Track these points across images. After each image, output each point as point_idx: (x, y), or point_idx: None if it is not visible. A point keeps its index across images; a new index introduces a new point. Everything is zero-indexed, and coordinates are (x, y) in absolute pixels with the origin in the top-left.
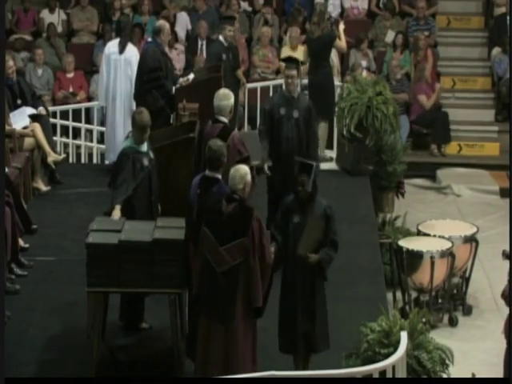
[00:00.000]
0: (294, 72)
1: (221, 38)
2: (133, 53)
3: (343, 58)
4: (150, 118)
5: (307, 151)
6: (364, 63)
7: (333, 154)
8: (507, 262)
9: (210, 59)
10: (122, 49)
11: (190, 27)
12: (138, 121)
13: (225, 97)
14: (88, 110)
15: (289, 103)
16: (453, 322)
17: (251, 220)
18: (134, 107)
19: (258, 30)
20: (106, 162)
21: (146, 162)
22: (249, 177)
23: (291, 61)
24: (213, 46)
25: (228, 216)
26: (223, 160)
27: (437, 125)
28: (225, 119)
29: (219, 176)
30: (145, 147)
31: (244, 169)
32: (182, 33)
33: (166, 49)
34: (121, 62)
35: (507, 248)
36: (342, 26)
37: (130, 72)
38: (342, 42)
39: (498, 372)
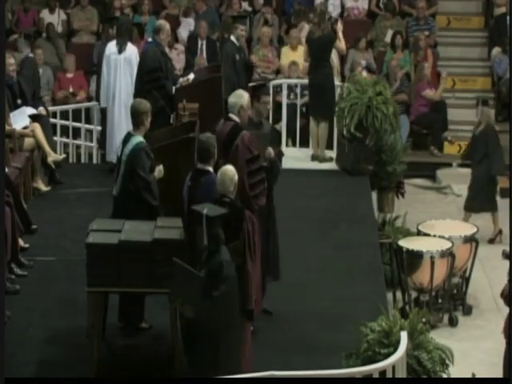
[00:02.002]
0: (269, 98)
1: (232, 37)
2: (132, 51)
3: (343, 57)
4: (149, 106)
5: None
6: (363, 62)
7: (333, 154)
8: (507, 262)
9: (225, 59)
10: (120, 48)
11: (192, 29)
12: (141, 107)
13: (235, 95)
14: (88, 110)
15: (257, 129)
16: (453, 322)
17: (243, 221)
18: None
19: (257, 30)
20: (108, 160)
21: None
22: (236, 177)
23: (263, 86)
24: (226, 46)
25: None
26: (212, 151)
27: (436, 124)
28: (236, 118)
29: (210, 168)
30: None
31: (231, 170)
32: (184, 34)
33: (166, 49)
34: (120, 62)
35: (507, 248)
36: (340, 27)
37: (130, 71)
38: (341, 44)
39: (498, 372)
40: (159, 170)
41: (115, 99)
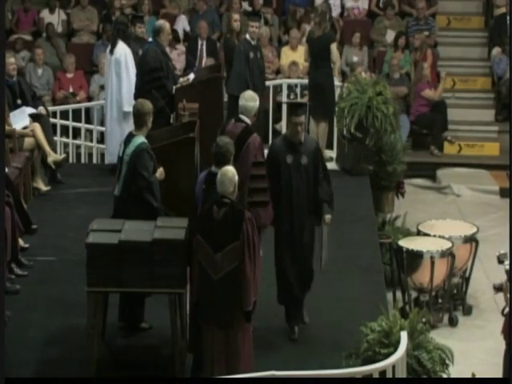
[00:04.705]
0: (303, 118)
1: (247, 36)
2: (121, 51)
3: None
4: (151, 106)
5: (316, 198)
6: (355, 58)
7: (333, 154)
8: (507, 262)
9: (238, 57)
10: (111, 48)
11: (188, 29)
12: (144, 107)
13: (252, 98)
14: (88, 110)
15: (296, 149)
16: (453, 322)
17: (242, 222)
18: (125, 108)
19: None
20: (106, 162)
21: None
22: (236, 177)
23: (298, 106)
24: (240, 44)
25: (220, 221)
26: (228, 157)
27: (436, 124)
28: (248, 120)
29: None
30: None
31: (231, 171)
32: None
33: (167, 49)
34: (111, 62)
35: (506, 248)
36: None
37: (118, 71)
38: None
39: (498, 372)
40: (160, 171)
41: (107, 99)
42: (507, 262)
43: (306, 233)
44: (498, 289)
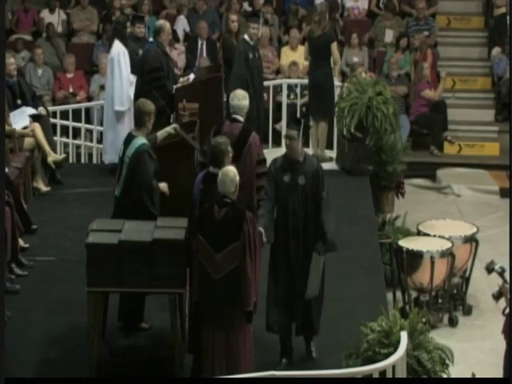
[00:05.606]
0: (294, 133)
1: (246, 36)
2: (116, 50)
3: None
4: (153, 107)
5: (318, 223)
6: (355, 59)
7: (333, 154)
8: (507, 262)
9: (238, 57)
10: (109, 48)
11: (188, 29)
12: (145, 107)
13: (243, 97)
14: (88, 110)
15: (293, 168)
16: (453, 322)
17: (243, 222)
18: (116, 106)
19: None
20: (106, 163)
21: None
22: (237, 178)
23: (292, 120)
24: (239, 45)
25: (221, 221)
26: (221, 157)
27: (436, 124)
28: (242, 119)
29: None
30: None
31: (232, 171)
32: (179, 33)
33: (167, 48)
34: (108, 61)
35: (506, 248)
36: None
37: (113, 69)
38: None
39: (498, 372)
40: (163, 185)
41: (106, 98)
42: (498, 265)
43: (301, 257)
44: (497, 297)
